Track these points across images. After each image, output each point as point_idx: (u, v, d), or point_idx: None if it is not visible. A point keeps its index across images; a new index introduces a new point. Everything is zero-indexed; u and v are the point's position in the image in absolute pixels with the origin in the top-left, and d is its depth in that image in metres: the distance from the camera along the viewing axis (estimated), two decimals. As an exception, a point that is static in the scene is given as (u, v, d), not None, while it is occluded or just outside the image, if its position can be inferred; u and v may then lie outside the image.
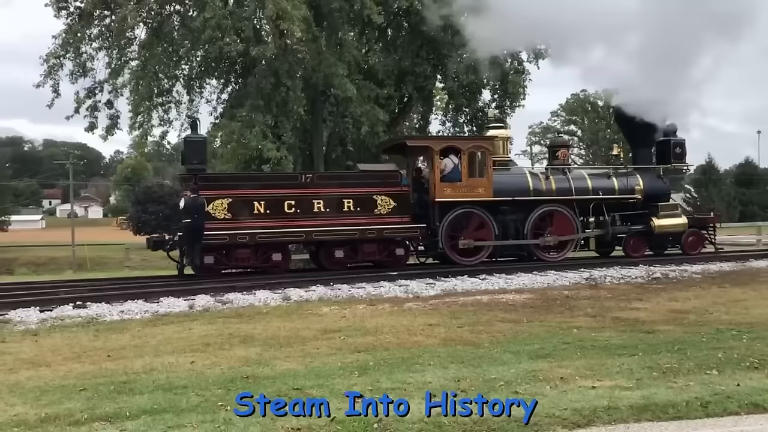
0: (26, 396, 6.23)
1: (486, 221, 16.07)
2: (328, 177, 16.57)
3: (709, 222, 19.01)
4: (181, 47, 20.32)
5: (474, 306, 11.28)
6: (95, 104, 20.22)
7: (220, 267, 14.56)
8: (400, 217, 15.34)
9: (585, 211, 17.21)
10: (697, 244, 18.11)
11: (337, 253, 15.14)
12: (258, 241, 14.43)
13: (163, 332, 9.37)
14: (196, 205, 13.93)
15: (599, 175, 17.80)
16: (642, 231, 17.56)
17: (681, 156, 18.51)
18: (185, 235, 13.99)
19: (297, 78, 19.16)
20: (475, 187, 15.87)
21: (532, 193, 16.56)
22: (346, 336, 8.92)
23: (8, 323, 10.17)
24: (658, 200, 17.71)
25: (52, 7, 19.13)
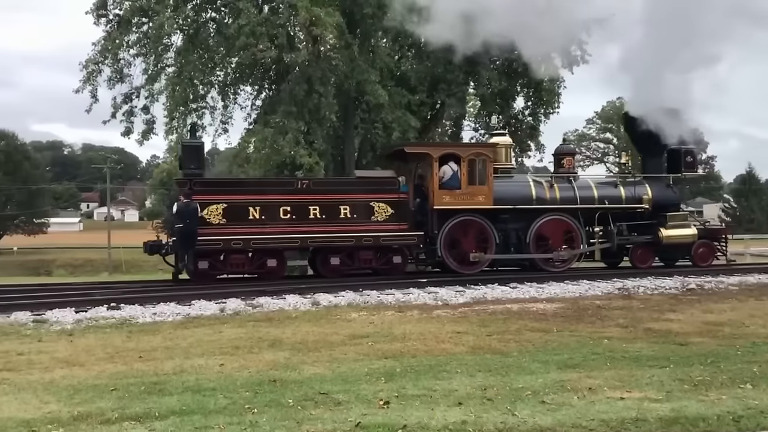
0: (60, 394, 6.36)
1: (487, 230, 15.76)
2: (324, 183, 16.44)
3: (720, 233, 18.39)
4: (216, 54, 20.65)
5: (503, 314, 11.20)
6: (132, 109, 20.66)
7: (214, 272, 14.52)
8: (397, 224, 15.12)
9: (591, 221, 16.77)
10: (708, 255, 17.49)
11: (333, 260, 14.97)
12: (252, 247, 14.40)
13: (193, 334, 9.50)
14: (189, 210, 13.93)
15: (606, 184, 17.44)
16: (650, 241, 17.08)
17: (692, 165, 18.02)
18: (178, 240, 14.01)
19: (330, 84, 19.30)
20: (475, 194, 15.59)
21: (535, 201, 16.19)
22: (373, 342, 8.94)
23: (45, 323, 10.41)
24: (667, 210, 17.17)
25: (92, 15, 19.63)
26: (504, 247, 16.09)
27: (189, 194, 14.12)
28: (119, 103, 20.51)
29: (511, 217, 16.05)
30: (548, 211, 16.27)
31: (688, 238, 17.22)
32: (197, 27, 19.97)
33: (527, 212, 16.12)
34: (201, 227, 13.98)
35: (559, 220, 16.33)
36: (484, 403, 5.88)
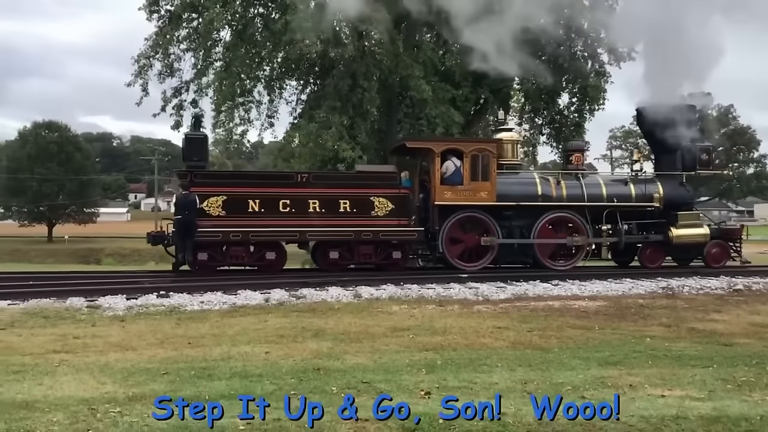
0: (115, 376, 6.66)
1: (490, 226, 15.57)
2: (324, 177, 16.28)
3: (734, 234, 17.67)
4: (263, 49, 20.95)
5: (545, 311, 11.21)
6: (181, 103, 21.10)
7: (214, 264, 14.70)
8: (398, 220, 15.00)
9: (599, 219, 16.41)
10: (722, 256, 16.90)
11: (332, 254, 15.00)
12: (251, 239, 14.48)
13: (240, 323, 9.77)
14: (188, 202, 14.11)
15: (616, 182, 17.08)
16: (660, 241, 16.65)
17: (707, 163, 17.44)
18: (177, 231, 14.19)
19: (374, 80, 19.43)
20: (478, 190, 15.43)
21: (540, 198, 15.91)
22: (414, 335, 9.07)
23: (98, 309, 10.81)
24: (679, 209, 16.73)
25: (145, 11, 20.11)
26: (508, 244, 15.89)
27: (188, 186, 14.36)
28: (169, 96, 20.98)
29: (515, 213, 15.84)
30: (554, 209, 16.03)
31: (700, 238, 16.70)
32: (245, 22, 20.29)
33: (532, 209, 15.86)
34: (201, 219, 14.13)
35: (565, 218, 16.10)
36: (524, 397, 5.96)
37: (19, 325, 9.49)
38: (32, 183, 57.89)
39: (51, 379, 6.46)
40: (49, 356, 7.55)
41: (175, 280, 13.46)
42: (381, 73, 19.82)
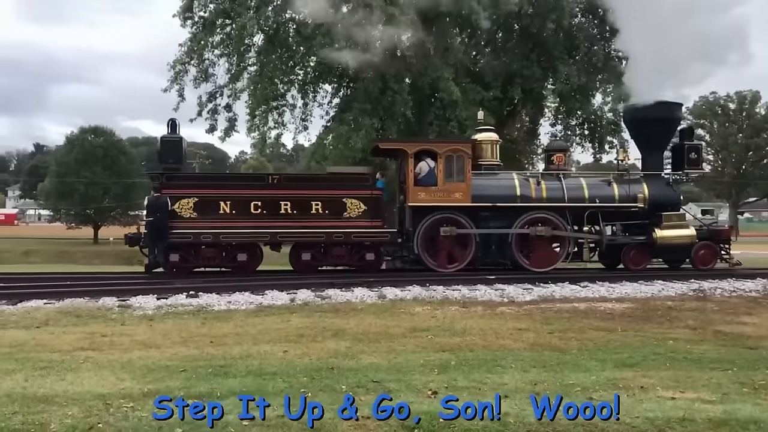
0: (135, 373, 6.88)
1: (466, 227, 15.45)
2: (295, 179, 16.35)
3: (723, 235, 17.04)
4: (296, 53, 21.26)
5: (569, 313, 11.14)
6: (215, 107, 21.55)
7: (186, 265, 14.84)
8: (370, 221, 14.97)
9: (581, 220, 16.10)
10: (710, 258, 16.40)
11: (304, 256, 15.05)
12: (222, 240, 14.59)
13: (263, 323, 9.95)
14: (158, 204, 14.37)
15: (599, 183, 16.64)
16: (643, 242, 16.23)
17: (696, 162, 16.95)
18: (148, 233, 14.45)
19: (404, 82, 19.53)
20: (452, 191, 15.30)
21: (519, 199, 15.69)
22: (433, 335, 9.12)
23: (129, 308, 11.14)
24: (665, 209, 16.28)
25: (179, 17, 20.61)
26: (485, 246, 15.77)
27: (159, 188, 14.60)
28: (204, 101, 21.46)
29: (492, 215, 15.68)
30: (533, 210, 15.77)
31: (685, 240, 16.19)
32: (277, 27, 20.63)
33: (510, 210, 15.67)
34: (173, 221, 14.37)
35: (545, 219, 15.83)
36: (529, 398, 5.97)
37: (52, 324, 9.85)
38: (79, 186, 59.49)
39: (73, 375, 6.71)
40: (76, 353, 7.82)
41: (207, 281, 13.74)
42: (411, 75, 19.91)
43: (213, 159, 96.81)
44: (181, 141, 15.41)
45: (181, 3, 20.57)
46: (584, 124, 24.82)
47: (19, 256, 35.29)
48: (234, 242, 14.71)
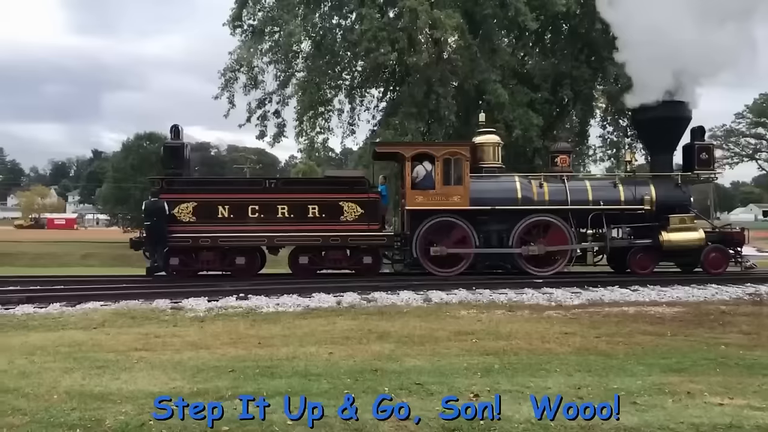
0: (185, 373, 7.11)
1: (466, 231, 15.23)
2: (293, 182, 16.45)
3: (735, 238, 16.35)
4: (343, 59, 21.52)
5: (618, 317, 10.98)
6: (264, 114, 21.96)
7: (186, 269, 15.11)
8: (367, 224, 14.95)
9: (585, 223, 15.69)
10: (721, 262, 15.80)
11: (302, 260, 15.18)
12: (220, 244, 14.82)
13: (309, 325, 10.13)
14: (156, 209, 14.67)
15: (604, 185, 16.17)
16: (650, 245, 15.70)
17: (707, 162, 16.32)
18: (147, 237, 14.78)
19: (449, 85, 19.54)
20: (450, 195, 15.12)
21: (520, 202, 15.36)
22: (478, 339, 9.12)
23: (181, 310, 11.48)
24: (673, 211, 15.72)
25: (229, 26, 21.09)
26: (486, 248, 15.49)
27: (156, 193, 14.89)
28: (254, 108, 21.89)
29: (492, 218, 15.38)
30: (534, 212, 15.43)
31: (694, 243, 15.60)
32: (324, 33, 20.90)
33: (510, 213, 15.36)
34: (173, 225, 14.67)
35: (546, 222, 15.50)
36: (573, 401, 5.93)
37: (108, 325, 10.23)
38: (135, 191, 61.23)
39: (127, 374, 6.98)
40: (130, 354, 8.11)
41: (255, 283, 14.03)
42: (457, 78, 19.91)
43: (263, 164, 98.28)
44: (183, 146, 15.72)
45: (231, 12, 21.05)
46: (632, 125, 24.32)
47: (79, 259, 36.52)
48: (232, 246, 14.96)
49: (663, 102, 15.82)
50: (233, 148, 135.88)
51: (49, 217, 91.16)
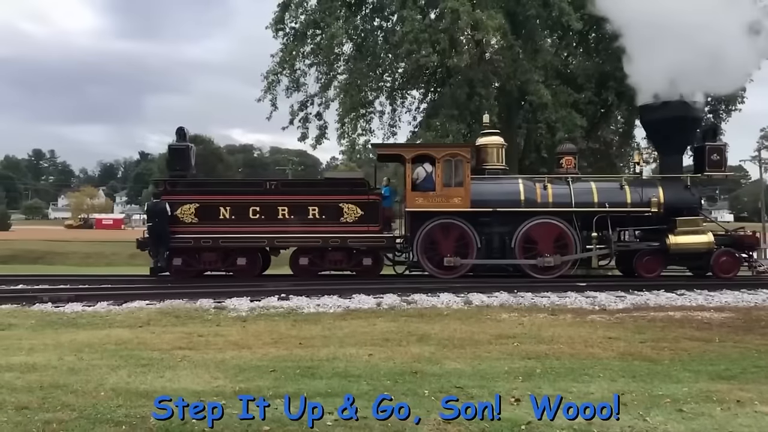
0: (227, 372, 7.21)
1: (467, 233, 15.06)
2: (293, 184, 16.45)
3: (747, 241, 15.75)
4: (384, 60, 21.56)
5: (663, 322, 10.74)
6: (306, 116, 22.13)
7: (190, 269, 15.28)
8: (367, 226, 14.93)
9: (590, 226, 15.28)
10: (732, 266, 15.29)
11: (302, 261, 15.26)
12: (221, 245, 15.00)
13: (350, 326, 10.17)
14: (157, 210, 14.91)
15: (610, 186, 15.74)
16: (657, 248, 15.25)
17: (718, 163, 15.72)
18: (150, 238, 15.03)
19: (491, 86, 19.41)
20: (451, 196, 14.99)
21: (523, 204, 15.14)
22: (519, 342, 9.03)
23: (224, 309, 11.64)
24: (681, 214, 15.24)
25: (271, 29, 21.32)
26: (487, 251, 15.27)
27: (158, 194, 15.17)
28: (296, 110, 22.08)
29: (494, 220, 15.19)
30: (537, 215, 15.16)
31: (702, 246, 15.14)
32: (365, 36, 20.97)
33: (512, 215, 15.14)
34: (175, 226, 14.90)
35: (550, 224, 15.19)
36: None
37: (153, 324, 10.45)
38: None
39: (171, 373, 7.11)
40: (174, 352, 8.26)
41: (296, 284, 14.14)
42: (499, 79, 19.75)
43: (305, 165, 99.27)
44: (188, 149, 15.94)
45: (273, 15, 21.27)
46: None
47: (126, 258, 37.31)
48: (233, 247, 15.14)
49: (671, 101, 15.41)
50: (276, 150, 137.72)
51: (97, 218, 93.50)
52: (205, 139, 68.16)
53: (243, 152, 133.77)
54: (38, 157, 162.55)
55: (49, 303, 12.12)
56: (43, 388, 6.42)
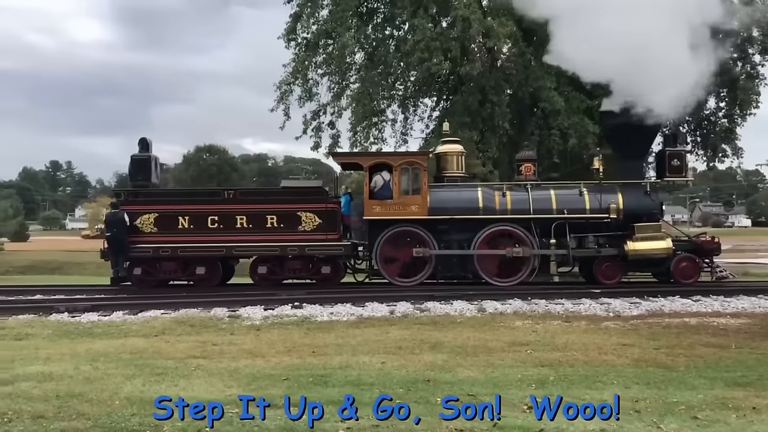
0: (241, 380, 7.25)
1: (426, 241, 15.05)
2: (251, 193, 16.45)
3: (707, 247, 15.61)
4: (396, 69, 21.64)
5: (678, 328, 10.66)
6: (319, 125, 22.23)
7: (150, 278, 15.32)
8: (325, 234, 14.97)
9: (549, 233, 15.17)
10: (692, 272, 15.25)
11: (260, 269, 15.28)
12: (179, 254, 15.04)
13: (363, 334, 10.17)
14: (116, 220, 15.00)
15: (569, 193, 15.60)
16: (615, 255, 15.14)
17: (679, 169, 15.59)
18: (109, 247, 15.11)
19: (503, 94, 19.41)
20: (408, 204, 14.98)
21: (482, 211, 15.11)
22: (533, 350, 9.00)
23: (238, 318, 11.69)
24: (641, 220, 15.12)
25: (283, 39, 21.49)
26: (446, 258, 15.24)
27: (116, 204, 15.29)
28: (309, 119, 22.19)
29: (452, 227, 15.17)
30: (495, 222, 15.11)
31: (660, 252, 15.02)
32: (376, 45, 21.06)
33: (470, 223, 15.10)
34: (135, 235, 14.97)
35: (508, 231, 15.15)
36: (630, 414, 5.81)
37: (168, 333, 10.50)
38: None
39: (185, 381, 7.15)
40: (189, 361, 8.32)
41: (310, 292, 14.18)
42: (511, 86, 19.76)
43: (319, 174, 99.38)
44: (150, 159, 15.95)
45: (285, 26, 21.44)
46: (696, 130, 23.68)
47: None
48: (191, 256, 15.20)
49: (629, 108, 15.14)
50: (290, 159, 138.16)
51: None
52: (219, 149, 68.71)
53: (257, 161, 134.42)
54: (55, 169, 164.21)
55: (66, 313, 12.22)
56: (59, 397, 6.49)
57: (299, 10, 21.30)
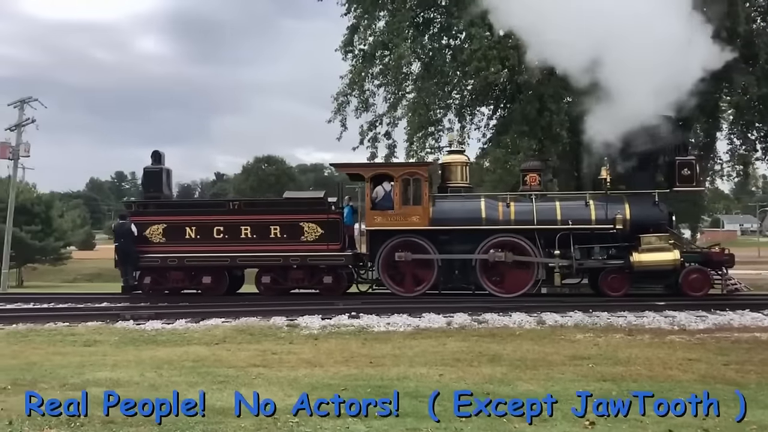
0: (300, 390, 7.31)
1: (428, 251, 14.90)
2: (255, 204, 16.71)
3: (717, 258, 14.86)
4: (453, 78, 21.58)
5: (749, 343, 10.30)
6: (375, 136, 22.34)
7: (159, 287, 15.60)
8: (327, 244, 15.02)
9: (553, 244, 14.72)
10: (702, 284, 14.52)
11: (264, 279, 15.43)
12: (186, 264, 15.31)
13: (420, 345, 10.16)
14: (123, 230, 15.35)
15: (575, 204, 15.10)
16: (621, 266, 14.64)
17: (689, 178, 14.92)
18: (118, 257, 15.53)
19: (562, 102, 19.13)
20: (409, 215, 14.87)
21: (484, 222, 14.83)
22: (594, 364, 8.83)
23: (296, 327, 11.84)
24: (648, 231, 14.49)
25: (341, 51, 21.70)
26: (448, 269, 14.98)
27: (124, 215, 15.65)
28: (365, 130, 22.33)
29: (454, 238, 15.01)
30: (498, 232, 14.77)
31: (667, 264, 14.38)
32: (433, 55, 21.07)
33: (473, 233, 14.88)
34: (145, 245, 15.32)
35: (511, 242, 14.75)
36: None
37: (229, 341, 10.72)
38: (254, 212, 64.36)
39: (247, 390, 7.26)
40: (249, 369, 8.47)
41: (366, 302, 14.26)
42: (570, 93, 19.44)
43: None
44: (162, 171, 16.33)
45: (343, 38, 21.65)
46: (766, 137, 22.79)
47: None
48: (197, 266, 15.45)
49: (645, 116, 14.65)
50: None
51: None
52: (277, 160, 69.92)
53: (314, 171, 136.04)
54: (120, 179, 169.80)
55: (131, 320, 12.62)
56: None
57: (356, 22, 21.49)
